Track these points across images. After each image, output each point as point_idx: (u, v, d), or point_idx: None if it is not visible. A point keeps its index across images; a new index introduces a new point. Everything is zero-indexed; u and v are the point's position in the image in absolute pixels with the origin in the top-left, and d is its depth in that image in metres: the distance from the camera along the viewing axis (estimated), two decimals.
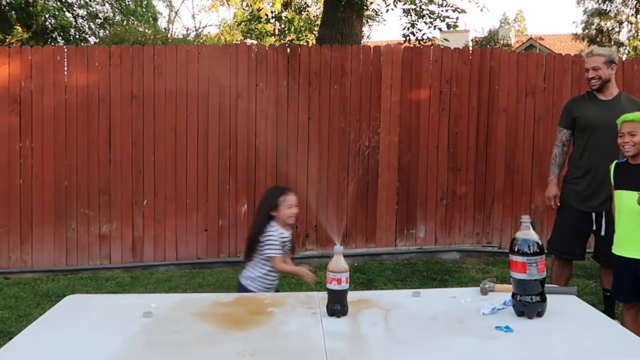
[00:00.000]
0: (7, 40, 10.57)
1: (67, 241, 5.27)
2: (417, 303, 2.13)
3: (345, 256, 1.97)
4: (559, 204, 3.86)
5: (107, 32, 13.05)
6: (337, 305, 1.96)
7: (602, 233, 3.58)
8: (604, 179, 3.44)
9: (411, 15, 8.80)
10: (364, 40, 14.19)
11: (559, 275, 3.80)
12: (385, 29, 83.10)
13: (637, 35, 16.12)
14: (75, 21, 13.55)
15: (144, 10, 14.65)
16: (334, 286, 1.94)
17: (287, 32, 13.94)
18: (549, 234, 4.02)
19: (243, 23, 15.77)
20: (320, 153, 5.53)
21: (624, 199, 3.01)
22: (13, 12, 10.99)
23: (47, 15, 12.09)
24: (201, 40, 14.31)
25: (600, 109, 3.67)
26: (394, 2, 8.82)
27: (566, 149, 3.92)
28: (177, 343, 1.76)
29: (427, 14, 8.76)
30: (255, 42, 13.55)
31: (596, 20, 16.45)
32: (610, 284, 3.35)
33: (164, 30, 16.91)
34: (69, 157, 5.25)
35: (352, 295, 2.03)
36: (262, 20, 13.95)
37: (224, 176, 5.44)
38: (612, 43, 16.30)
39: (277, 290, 3.02)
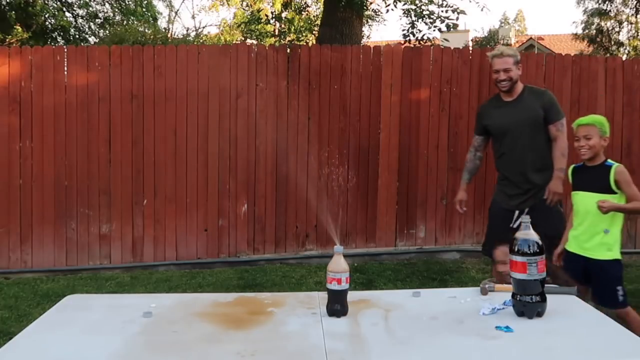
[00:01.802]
0: (7, 40, 10.55)
1: (67, 241, 5.26)
2: (417, 303, 2.13)
3: (345, 256, 1.97)
4: (465, 209, 4.00)
5: (107, 32, 13.02)
6: (337, 305, 1.96)
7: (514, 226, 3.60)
8: (521, 179, 3.61)
9: (411, 16, 8.80)
10: (364, 40, 14.18)
11: (499, 279, 3.78)
12: (385, 29, 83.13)
13: (637, 35, 16.11)
14: (75, 21, 13.52)
15: (144, 10, 14.62)
16: (334, 286, 1.94)
17: (287, 32, 13.94)
18: None
19: (243, 24, 15.77)
20: (320, 153, 5.53)
21: (579, 199, 3.10)
22: (13, 12, 10.96)
23: (47, 15, 12.07)
24: (201, 40, 14.29)
25: (504, 112, 3.69)
26: (394, 2, 8.82)
27: (479, 154, 4.00)
28: (177, 343, 1.76)
29: (427, 15, 8.76)
30: (255, 42, 13.54)
31: (596, 20, 16.44)
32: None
33: (164, 30, 16.90)
34: (69, 157, 5.24)
35: (352, 295, 2.03)
36: (262, 21, 13.95)
37: (224, 176, 5.44)
38: (612, 43, 16.30)
39: None
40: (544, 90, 3.84)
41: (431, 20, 8.73)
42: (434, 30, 8.88)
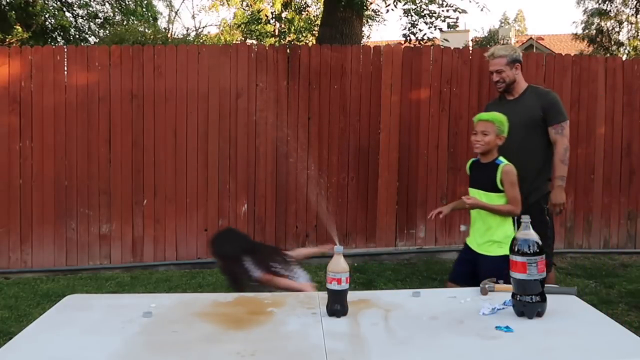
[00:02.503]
0: (7, 40, 10.55)
1: (67, 241, 5.26)
2: (417, 303, 2.13)
3: (345, 256, 1.97)
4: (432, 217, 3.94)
5: (107, 32, 13.02)
6: (337, 305, 1.96)
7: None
8: None
9: (411, 15, 8.81)
10: (364, 40, 14.18)
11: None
12: (385, 29, 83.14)
13: (637, 35, 16.11)
14: (75, 21, 13.52)
15: (144, 10, 14.62)
16: (334, 286, 1.94)
17: (287, 32, 13.94)
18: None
19: (243, 24, 15.77)
20: (320, 153, 5.53)
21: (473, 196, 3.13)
22: (13, 12, 10.96)
23: (47, 15, 12.07)
24: (201, 40, 14.30)
25: (504, 111, 3.61)
26: (394, 2, 8.83)
27: None
28: (177, 343, 1.76)
29: (427, 14, 8.77)
30: (255, 42, 13.55)
31: (596, 20, 16.44)
32: None
33: (164, 30, 16.89)
34: (69, 156, 5.24)
35: (352, 295, 2.03)
36: (262, 21, 13.95)
37: (224, 176, 5.44)
38: (612, 43, 16.30)
39: None
40: (547, 90, 3.78)
41: (431, 20, 8.74)
42: (435, 30, 8.89)
